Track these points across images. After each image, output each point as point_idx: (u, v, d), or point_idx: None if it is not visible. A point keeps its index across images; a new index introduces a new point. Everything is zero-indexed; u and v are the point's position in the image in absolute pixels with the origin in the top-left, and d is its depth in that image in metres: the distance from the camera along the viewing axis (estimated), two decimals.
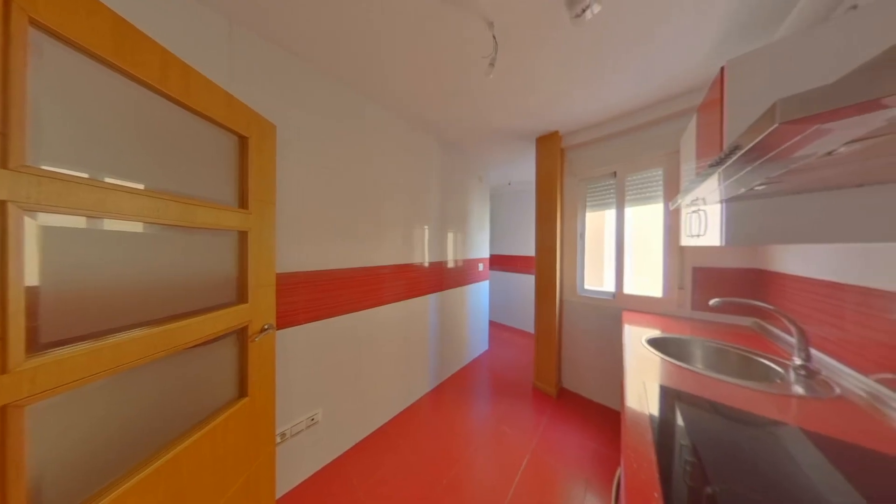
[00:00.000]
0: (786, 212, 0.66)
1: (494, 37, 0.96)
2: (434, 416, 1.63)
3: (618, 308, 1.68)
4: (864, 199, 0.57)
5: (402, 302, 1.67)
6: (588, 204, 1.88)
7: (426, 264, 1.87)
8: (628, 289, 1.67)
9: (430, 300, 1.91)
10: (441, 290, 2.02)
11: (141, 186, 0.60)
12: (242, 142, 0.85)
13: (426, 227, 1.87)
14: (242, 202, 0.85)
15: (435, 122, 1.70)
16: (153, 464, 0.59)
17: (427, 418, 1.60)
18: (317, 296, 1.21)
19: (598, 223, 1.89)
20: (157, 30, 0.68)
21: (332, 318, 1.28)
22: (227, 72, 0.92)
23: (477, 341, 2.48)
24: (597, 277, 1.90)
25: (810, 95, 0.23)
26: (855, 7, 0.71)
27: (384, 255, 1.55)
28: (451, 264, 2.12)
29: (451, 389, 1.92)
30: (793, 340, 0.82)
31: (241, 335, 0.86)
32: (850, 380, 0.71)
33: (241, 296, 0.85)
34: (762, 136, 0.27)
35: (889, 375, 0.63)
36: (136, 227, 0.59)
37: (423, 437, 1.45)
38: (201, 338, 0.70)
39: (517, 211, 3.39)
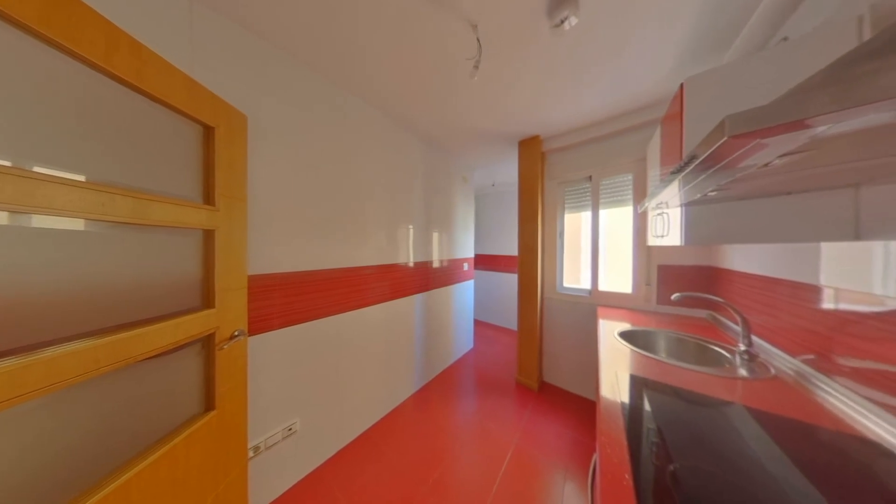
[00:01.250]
0: (733, 215, 0.75)
1: (479, 39, 0.97)
2: (419, 417, 1.62)
3: (593, 304, 1.79)
4: (792, 205, 0.67)
5: (386, 303, 1.63)
6: (566, 206, 1.98)
7: (411, 264, 1.85)
8: (603, 286, 1.79)
9: (416, 300, 1.90)
10: (426, 290, 2.01)
11: (82, 178, 0.53)
12: (208, 132, 0.78)
13: (411, 226, 1.85)
14: (208, 198, 0.78)
15: (419, 120, 1.68)
16: (96, 494, 0.52)
17: (412, 420, 1.59)
18: (294, 298, 1.15)
19: (575, 224, 2.00)
20: (104, 3, 0.60)
21: (312, 322, 1.22)
22: (187, 55, 0.84)
23: (462, 340, 2.51)
24: (574, 276, 2.00)
25: (752, 113, 0.26)
26: (786, 39, 0.82)
27: (367, 255, 1.51)
28: (436, 264, 2.12)
29: (437, 389, 1.92)
30: (738, 329, 0.93)
31: (206, 343, 0.79)
32: (782, 361, 0.82)
33: (207, 300, 0.78)
34: (714, 147, 0.30)
35: (811, 356, 0.73)
36: (77, 223, 0.52)
37: (407, 439, 1.43)
38: (159, 348, 0.64)
39: (501, 211, 3.48)
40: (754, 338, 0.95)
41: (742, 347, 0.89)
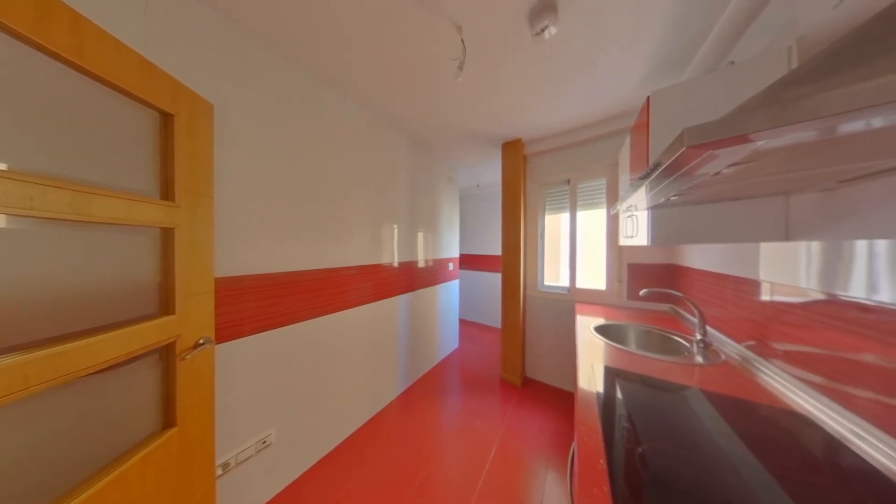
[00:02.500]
0: (690, 218, 0.83)
1: (463, 41, 0.98)
2: (404, 419, 1.60)
3: (572, 301, 1.88)
4: (738, 209, 0.75)
5: (370, 304, 1.59)
6: (547, 207, 2.07)
7: (396, 264, 1.82)
8: (580, 283, 1.89)
9: (401, 301, 1.87)
10: (412, 290, 1.99)
11: (2, 167, 0.45)
12: (166, 120, 0.71)
13: (395, 226, 1.82)
14: (166, 193, 0.71)
15: (403, 118, 1.66)
16: None
17: (397, 423, 1.56)
18: (269, 302, 1.07)
19: (555, 225, 2.09)
20: None
21: (289, 326, 1.15)
22: (143, 36, 0.75)
23: (447, 340, 2.51)
24: (554, 274, 2.10)
25: (706, 127, 0.29)
26: (732, 62, 0.93)
27: (350, 255, 1.46)
28: (421, 264, 2.10)
29: (422, 390, 1.91)
30: (695, 321, 1.03)
31: (166, 354, 0.72)
32: (731, 348, 0.93)
33: (166, 306, 0.71)
34: (675, 156, 0.33)
35: (752, 342, 0.84)
36: None
37: (393, 442, 1.41)
38: (107, 361, 0.56)
39: (485, 212, 3.54)
40: (708, 328, 1.06)
41: (698, 337, 0.99)
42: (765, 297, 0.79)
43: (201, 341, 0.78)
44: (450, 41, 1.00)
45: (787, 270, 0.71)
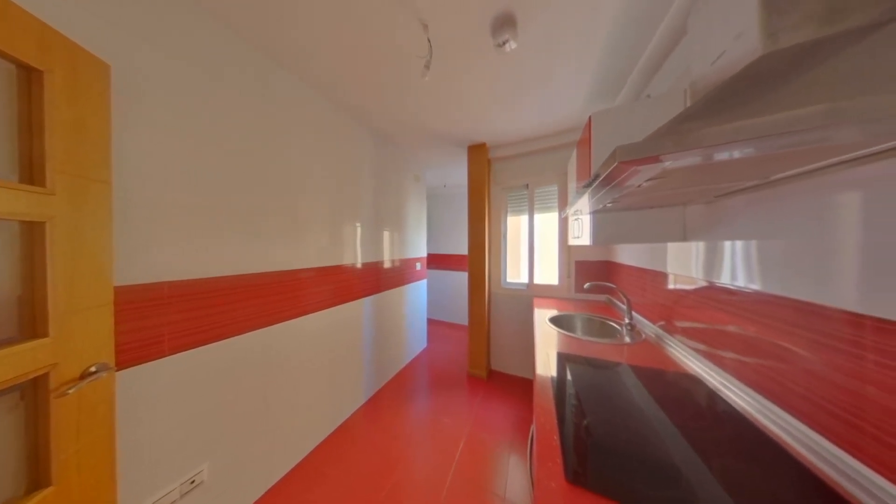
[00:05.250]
0: (621, 222, 0.99)
1: (429, 40, 0.97)
2: (370, 427, 1.52)
3: (530, 295, 2.06)
4: (653, 216, 0.93)
5: (329, 309, 1.46)
6: (509, 209, 2.22)
7: (359, 265, 1.71)
8: (537, 280, 2.08)
9: (365, 304, 1.77)
10: (377, 292, 1.90)
11: None
12: (29, 77, 0.53)
13: (358, 224, 1.71)
14: (31, 175, 0.53)
15: (368, 111, 1.57)
16: None
17: (362, 432, 1.48)
18: (200, 313, 0.90)
19: (516, 226, 2.26)
20: None
21: (227, 340, 0.98)
22: None
23: (415, 341, 2.48)
24: (516, 271, 2.26)
25: (632, 146, 0.35)
26: (649, 96, 1.14)
27: (306, 255, 1.32)
28: (387, 264, 2.03)
29: (389, 395, 1.85)
30: (624, 307, 1.24)
31: (33, 390, 0.54)
32: (648, 328, 1.14)
33: (33, 327, 0.53)
34: (609, 169, 0.40)
35: (662, 322, 1.04)
36: None
37: (357, 454, 1.33)
38: None
39: (452, 212, 3.60)
40: (634, 313, 1.28)
41: (627, 321, 1.20)
42: (671, 285, 1.00)
43: (93, 369, 0.61)
44: (416, 38, 0.99)
45: (684, 264, 0.90)
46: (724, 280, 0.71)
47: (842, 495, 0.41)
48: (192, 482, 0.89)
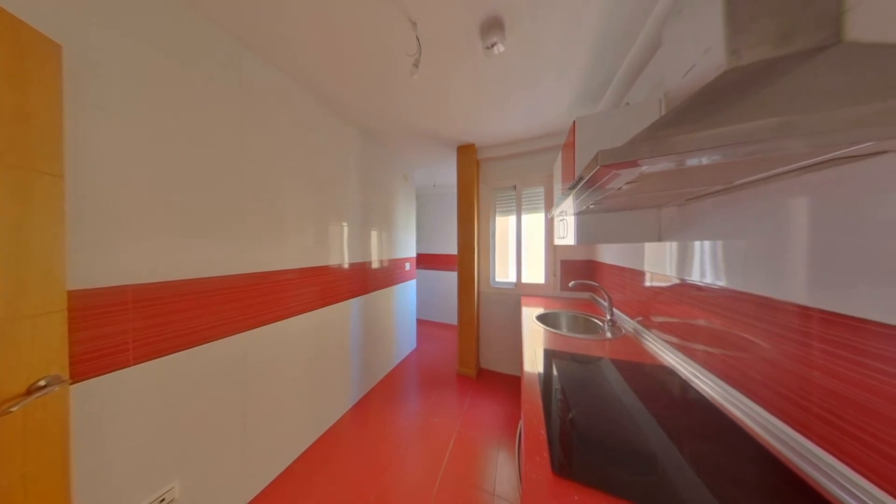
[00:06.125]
0: (603, 223, 1.03)
1: (418, 38, 0.97)
2: (358, 432, 1.49)
3: (518, 294, 2.10)
4: (632, 217, 0.98)
5: (314, 311, 1.42)
6: (497, 210, 2.25)
7: (346, 265, 1.67)
8: (525, 279, 2.13)
9: (352, 305, 1.73)
10: (365, 293, 1.86)
11: None
12: None
13: (345, 224, 1.67)
14: None
15: (354, 108, 1.53)
16: None
17: (350, 437, 1.45)
18: (170, 318, 0.84)
19: (504, 226, 2.29)
20: None
21: (202, 347, 0.92)
22: None
23: (405, 342, 2.46)
24: (504, 271, 2.30)
25: (612, 151, 0.37)
26: (628, 103, 1.20)
27: (289, 256, 1.27)
28: (375, 265, 1.99)
29: (378, 398, 1.82)
30: (606, 304, 1.29)
31: None
32: (628, 323, 1.21)
33: None
34: (592, 172, 0.41)
35: (640, 318, 1.10)
36: None
37: (345, 460, 1.30)
38: None
39: (441, 211, 3.60)
40: (615, 309, 1.35)
41: (608, 317, 1.25)
42: (647, 283, 1.06)
43: (42, 383, 0.55)
44: (405, 35, 0.98)
45: (659, 263, 0.96)
46: (695, 277, 0.76)
47: (792, 470, 0.46)
48: (163, 500, 0.83)
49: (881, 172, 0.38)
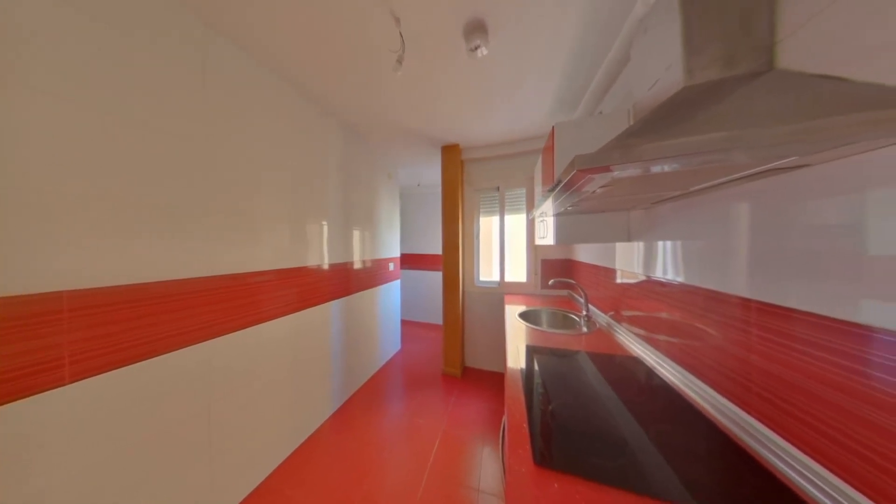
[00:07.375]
0: (579, 224, 1.09)
1: (401, 34, 0.95)
2: (339, 438, 1.44)
3: (502, 293, 2.16)
4: (605, 219, 1.05)
5: (291, 315, 1.34)
6: (481, 210, 2.29)
7: (326, 266, 1.60)
8: (508, 277, 2.19)
9: (333, 308, 1.66)
10: (347, 294, 1.80)
11: None
12: None
13: (325, 222, 1.60)
14: None
15: (335, 102, 1.47)
16: None
17: (330, 445, 1.39)
18: (111, 328, 0.74)
19: (487, 227, 2.34)
20: None
21: (153, 359, 0.83)
22: None
23: (389, 343, 2.41)
24: (488, 270, 2.35)
25: (587, 156, 0.40)
26: (601, 112, 1.28)
27: (262, 256, 1.18)
28: (358, 265, 1.93)
29: (361, 402, 1.77)
30: (582, 301, 1.37)
31: None
32: (601, 318, 1.29)
33: None
34: (569, 176, 0.44)
35: (612, 312, 1.19)
36: None
37: (324, 469, 1.24)
38: None
39: (426, 211, 3.57)
40: (590, 305, 1.43)
41: (584, 313, 1.33)
42: (618, 280, 1.14)
43: None
44: (388, 31, 0.96)
45: (628, 261, 1.04)
46: (658, 274, 0.84)
47: (735, 442, 0.52)
48: None
49: (804, 183, 0.44)
